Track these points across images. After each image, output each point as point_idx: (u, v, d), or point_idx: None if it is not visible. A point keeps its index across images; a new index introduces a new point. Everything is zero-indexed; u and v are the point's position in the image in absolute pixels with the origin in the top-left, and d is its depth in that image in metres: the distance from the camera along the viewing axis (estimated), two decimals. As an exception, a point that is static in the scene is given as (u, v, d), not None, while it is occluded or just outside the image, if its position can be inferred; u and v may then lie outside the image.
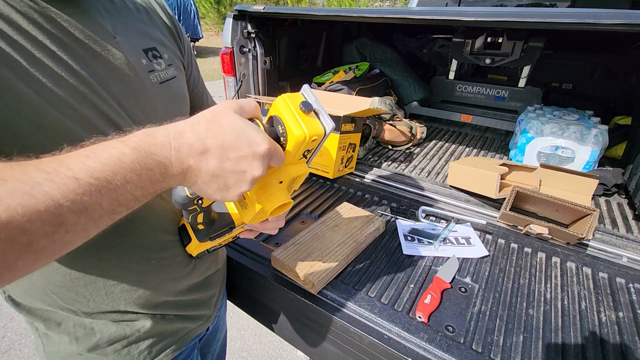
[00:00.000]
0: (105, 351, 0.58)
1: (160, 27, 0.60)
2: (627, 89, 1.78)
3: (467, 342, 0.71)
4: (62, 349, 0.58)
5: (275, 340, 1.80)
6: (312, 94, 0.48)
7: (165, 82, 0.57)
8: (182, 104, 0.63)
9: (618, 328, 0.75)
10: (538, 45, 1.56)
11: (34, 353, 1.67)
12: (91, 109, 0.45)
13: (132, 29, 0.53)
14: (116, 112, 0.48)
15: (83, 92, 0.44)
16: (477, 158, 1.60)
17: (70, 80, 0.43)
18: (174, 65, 0.60)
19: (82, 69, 0.44)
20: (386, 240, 1.00)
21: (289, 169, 0.49)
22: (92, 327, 0.57)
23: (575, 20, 0.88)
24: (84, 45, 0.45)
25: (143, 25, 0.56)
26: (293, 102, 0.46)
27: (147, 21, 0.58)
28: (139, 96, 0.52)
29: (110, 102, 0.47)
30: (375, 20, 1.39)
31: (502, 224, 1.10)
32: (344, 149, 1.33)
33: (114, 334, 0.58)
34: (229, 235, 0.64)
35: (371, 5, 11.41)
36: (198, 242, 0.60)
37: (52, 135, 0.41)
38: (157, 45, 0.57)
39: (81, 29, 0.45)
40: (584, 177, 1.14)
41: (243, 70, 1.49)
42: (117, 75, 0.49)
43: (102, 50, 0.47)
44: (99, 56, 0.47)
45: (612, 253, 0.98)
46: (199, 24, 7.73)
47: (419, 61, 2.27)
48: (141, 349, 0.61)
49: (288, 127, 0.45)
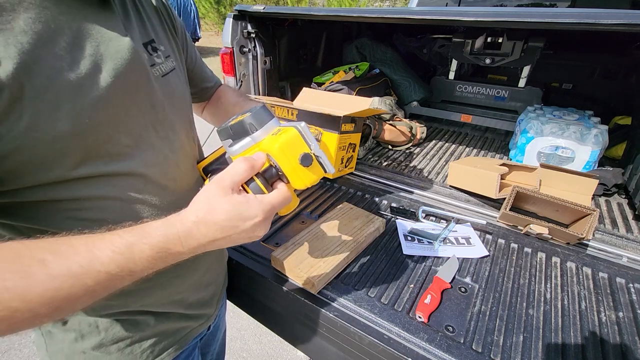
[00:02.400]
0: (109, 349, 0.59)
1: (152, 15, 0.59)
2: (627, 89, 1.78)
3: (467, 342, 0.71)
4: (67, 347, 0.58)
5: (275, 340, 1.80)
6: (309, 134, 0.50)
7: (165, 75, 0.58)
8: (183, 95, 0.63)
9: (618, 328, 0.75)
10: (538, 45, 1.56)
11: (34, 353, 1.67)
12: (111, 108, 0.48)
13: (132, 23, 0.53)
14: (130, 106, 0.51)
15: (108, 95, 0.46)
16: (477, 158, 1.60)
17: (96, 81, 0.45)
18: (172, 55, 0.60)
19: (106, 71, 0.46)
20: (386, 240, 1.00)
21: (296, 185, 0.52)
22: (97, 324, 0.57)
23: (575, 20, 0.88)
24: (110, 48, 0.47)
25: (139, 16, 0.56)
26: (292, 154, 0.48)
27: (141, 11, 0.57)
28: (148, 91, 0.53)
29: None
30: (375, 20, 1.39)
31: (502, 224, 1.10)
32: (344, 149, 1.33)
33: (118, 333, 0.58)
34: None
35: (371, 5, 11.40)
36: None
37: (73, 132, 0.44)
38: (154, 37, 0.57)
39: (107, 33, 0.47)
40: (584, 177, 1.14)
41: (243, 70, 1.49)
42: (134, 74, 0.50)
43: (120, 51, 0.48)
44: (119, 57, 0.48)
45: (612, 253, 0.98)
46: (199, 24, 7.72)
47: (419, 61, 2.27)
48: (144, 347, 0.61)
49: (291, 179, 0.50)
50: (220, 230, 0.44)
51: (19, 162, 0.40)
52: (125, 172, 0.50)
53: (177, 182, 0.59)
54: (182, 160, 0.60)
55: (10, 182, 0.42)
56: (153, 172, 0.54)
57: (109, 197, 0.49)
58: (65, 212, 0.47)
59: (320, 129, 1.31)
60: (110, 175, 0.49)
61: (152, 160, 0.53)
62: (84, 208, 0.48)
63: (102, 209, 0.49)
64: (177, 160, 0.59)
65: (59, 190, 0.45)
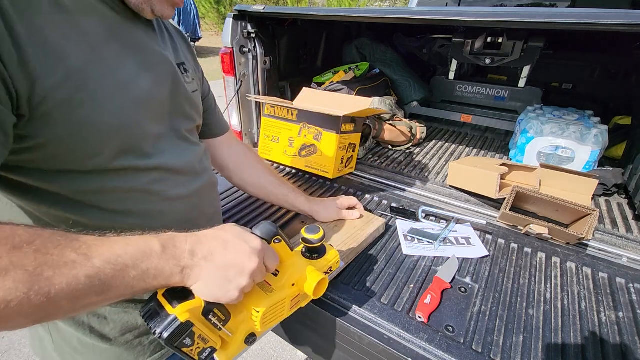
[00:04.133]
0: (117, 341, 0.60)
1: (183, 45, 0.69)
2: (627, 89, 1.78)
3: (467, 342, 0.71)
4: (75, 340, 0.59)
5: (275, 340, 1.80)
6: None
7: (194, 92, 0.68)
8: (199, 113, 0.72)
9: (618, 328, 0.75)
10: (538, 45, 1.56)
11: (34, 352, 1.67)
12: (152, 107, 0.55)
13: (168, 45, 0.63)
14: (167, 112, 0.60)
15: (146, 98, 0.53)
16: (477, 158, 1.60)
17: (141, 83, 0.52)
18: (195, 79, 0.70)
19: (150, 77, 0.54)
20: (386, 240, 1.00)
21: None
22: (105, 315, 0.59)
23: (575, 20, 0.88)
24: (152, 58, 0.56)
25: (173, 42, 0.66)
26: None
27: (175, 39, 0.67)
28: (181, 101, 0.63)
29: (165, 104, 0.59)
30: (375, 20, 1.39)
31: (502, 224, 1.10)
32: (344, 149, 1.33)
33: (126, 324, 0.60)
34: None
35: (371, 5, 11.40)
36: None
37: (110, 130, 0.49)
38: (185, 61, 0.67)
39: (151, 45, 0.56)
40: (584, 177, 1.14)
41: (243, 70, 1.49)
42: (174, 85, 0.60)
43: (163, 62, 0.58)
44: (162, 69, 0.57)
45: (612, 253, 0.98)
46: (199, 24, 7.72)
47: (419, 61, 2.27)
48: (152, 339, 0.63)
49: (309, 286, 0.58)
50: (222, 241, 0.48)
51: (70, 146, 0.45)
52: (152, 167, 0.56)
53: (194, 180, 0.66)
54: (196, 161, 0.68)
55: (58, 161, 0.46)
56: (174, 169, 0.60)
57: (133, 190, 0.54)
58: (91, 200, 0.51)
59: (320, 129, 1.31)
60: (138, 169, 0.54)
61: (174, 159, 0.60)
62: (108, 199, 0.52)
63: (125, 200, 0.54)
64: (192, 161, 0.66)
65: (91, 180, 0.50)
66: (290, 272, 0.58)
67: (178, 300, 0.45)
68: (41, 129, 0.42)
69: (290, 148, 1.40)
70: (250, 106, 1.59)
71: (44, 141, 0.43)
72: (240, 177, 0.91)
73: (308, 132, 1.34)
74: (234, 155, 0.89)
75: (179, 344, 0.44)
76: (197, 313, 0.45)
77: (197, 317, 0.45)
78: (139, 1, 0.51)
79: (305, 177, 1.39)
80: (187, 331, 0.44)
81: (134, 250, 0.40)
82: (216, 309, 0.47)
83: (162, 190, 0.58)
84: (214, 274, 0.45)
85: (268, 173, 0.94)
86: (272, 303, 0.54)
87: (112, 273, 0.38)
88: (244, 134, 1.62)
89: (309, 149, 1.35)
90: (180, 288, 0.46)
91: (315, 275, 0.58)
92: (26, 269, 0.33)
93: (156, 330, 0.43)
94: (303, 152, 1.37)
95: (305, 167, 1.38)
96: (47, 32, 0.41)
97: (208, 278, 0.45)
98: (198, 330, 0.45)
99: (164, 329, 0.43)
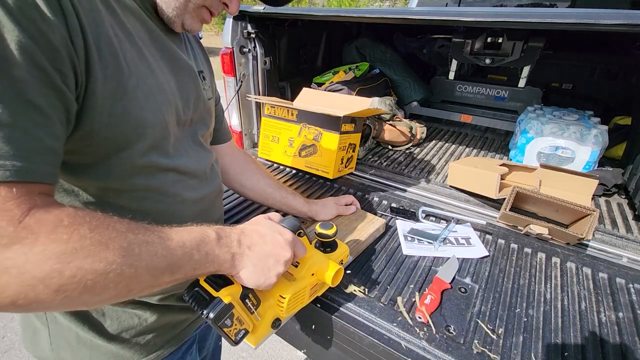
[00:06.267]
0: (114, 339, 0.60)
1: (200, 54, 0.73)
2: (627, 89, 1.78)
3: (467, 342, 0.71)
4: (72, 335, 0.59)
5: (275, 340, 1.80)
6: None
7: (209, 100, 0.71)
8: (213, 120, 0.76)
9: (618, 328, 0.75)
10: (538, 45, 1.56)
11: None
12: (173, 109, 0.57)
13: (189, 54, 0.66)
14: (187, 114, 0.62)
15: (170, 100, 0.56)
16: (477, 158, 1.60)
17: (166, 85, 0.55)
18: (211, 87, 0.73)
19: (179, 81, 0.58)
20: (386, 240, 1.00)
21: None
22: (103, 312, 0.59)
23: (575, 20, 0.88)
24: (181, 65, 0.60)
25: (193, 51, 0.69)
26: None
27: (194, 48, 0.71)
28: (201, 106, 0.67)
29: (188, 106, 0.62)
30: (375, 20, 1.39)
31: (502, 224, 1.10)
32: (344, 149, 1.33)
33: (124, 322, 0.60)
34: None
35: (371, 5, 11.39)
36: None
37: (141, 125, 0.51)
38: (203, 69, 0.70)
39: (179, 53, 0.60)
40: (584, 177, 1.14)
41: (243, 70, 1.49)
42: (196, 90, 0.64)
43: (187, 68, 0.61)
44: (187, 74, 0.61)
45: (612, 253, 0.98)
46: (199, 24, 7.71)
47: (419, 61, 2.27)
48: (148, 339, 0.63)
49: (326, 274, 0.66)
50: (261, 233, 0.54)
51: (106, 137, 0.47)
52: (171, 167, 0.58)
53: (205, 185, 0.68)
54: (208, 167, 0.70)
55: (88, 155, 0.47)
56: (188, 172, 0.62)
57: (151, 189, 0.56)
58: (111, 198, 0.52)
59: (320, 129, 1.31)
60: (160, 168, 0.56)
61: (190, 162, 0.62)
62: (127, 198, 0.54)
63: (143, 199, 0.55)
64: (205, 167, 0.68)
65: (115, 176, 0.51)
66: (309, 263, 0.64)
67: (219, 285, 0.51)
68: (84, 119, 0.44)
69: (290, 148, 1.40)
70: (250, 106, 1.59)
71: (83, 132, 0.44)
72: (240, 181, 0.94)
73: (308, 132, 1.34)
74: (235, 162, 0.92)
75: (221, 324, 0.50)
76: (236, 297, 0.52)
77: (236, 300, 0.52)
78: (172, 14, 0.55)
79: (305, 177, 1.39)
80: (229, 312, 0.51)
81: (196, 236, 0.46)
82: (250, 294, 0.54)
83: (177, 191, 0.60)
84: (257, 262, 0.52)
85: (267, 178, 0.97)
86: (296, 290, 0.61)
87: (181, 255, 0.43)
88: (244, 134, 1.62)
89: (309, 149, 1.35)
90: (218, 275, 0.52)
91: (334, 266, 0.66)
92: (122, 244, 0.38)
93: (204, 311, 0.49)
94: (303, 152, 1.37)
95: (305, 167, 1.38)
96: (105, 28, 0.44)
97: (252, 265, 0.51)
98: (237, 312, 0.52)
99: (210, 309, 0.49)
